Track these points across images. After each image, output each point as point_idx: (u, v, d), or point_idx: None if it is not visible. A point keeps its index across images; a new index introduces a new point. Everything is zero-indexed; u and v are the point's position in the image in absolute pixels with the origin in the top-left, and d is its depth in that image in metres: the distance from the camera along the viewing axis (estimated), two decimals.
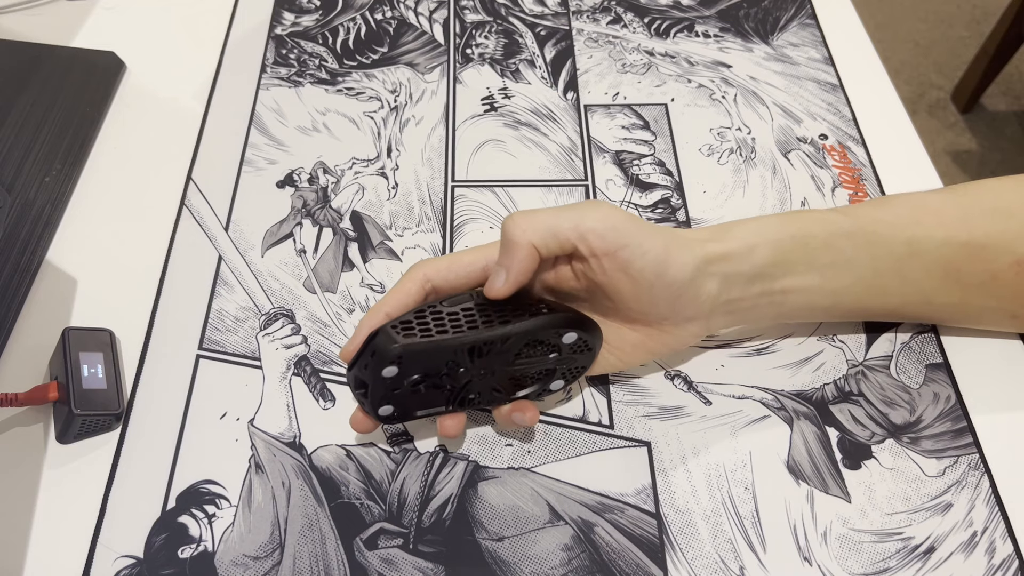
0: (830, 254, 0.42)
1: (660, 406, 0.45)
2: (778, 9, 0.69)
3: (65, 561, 0.40)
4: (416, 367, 0.38)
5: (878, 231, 0.42)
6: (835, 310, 0.45)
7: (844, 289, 0.43)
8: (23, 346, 0.47)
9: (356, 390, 0.39)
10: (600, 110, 0.61)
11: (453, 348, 0.38)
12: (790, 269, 0.41)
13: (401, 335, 0.37)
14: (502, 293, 0.38)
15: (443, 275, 0.41)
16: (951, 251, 0.42)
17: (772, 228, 0.41)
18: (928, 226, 0.42)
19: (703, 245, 0.40)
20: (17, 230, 0.51)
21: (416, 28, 0.67)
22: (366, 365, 0.38)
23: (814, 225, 0.42)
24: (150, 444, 0.43)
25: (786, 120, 0.60)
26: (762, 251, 0.41)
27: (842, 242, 0.42)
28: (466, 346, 0.38)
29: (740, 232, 0.41)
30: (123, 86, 0.62)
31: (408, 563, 0.40)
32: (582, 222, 0.38)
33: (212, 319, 0.49)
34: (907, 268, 0.43)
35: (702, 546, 0.40)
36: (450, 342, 0.38)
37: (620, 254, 0.38)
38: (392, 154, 0.58)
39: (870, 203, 0.46)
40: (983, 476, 0.43)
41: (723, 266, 0.40)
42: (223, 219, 0.54)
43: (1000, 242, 0.42)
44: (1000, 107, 1.73)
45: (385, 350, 0.37)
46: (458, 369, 0.39)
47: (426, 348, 0.37)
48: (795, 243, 0.41)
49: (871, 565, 0.40)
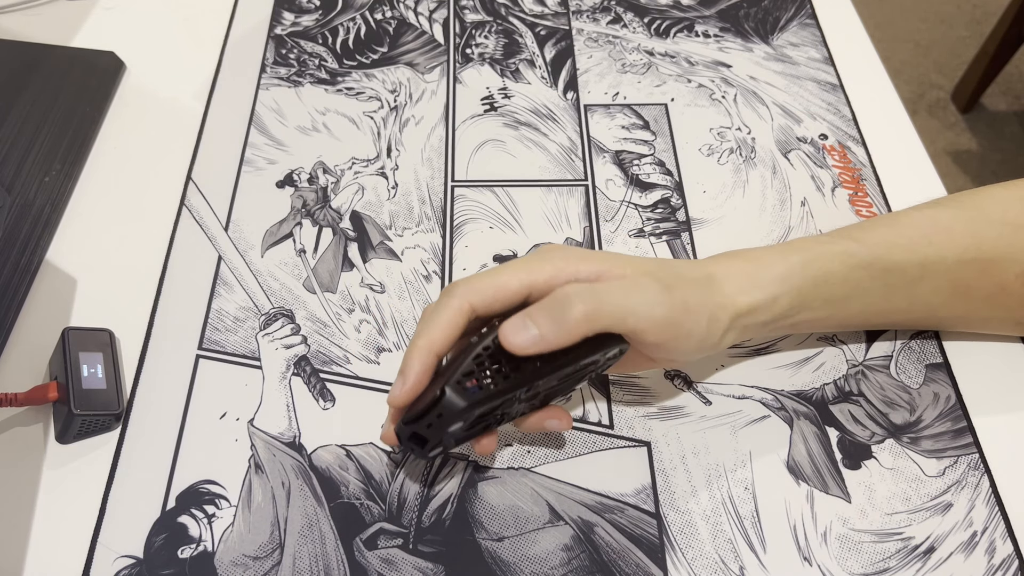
0: (847, 287, 0.42)
1: (660, 406, 0.45)
2: (778, 9, 0.69)
3: (65, 561, 0.40)
4: (479, 416, 0.36)
5: (893, 257, 0.42)
6: (838, 328, 0.46)
7: (854, 315, 0.44)
8: (23, 346, 0.47)
9: (410, 441, 0.37)
10: (600, 110, 0.61)
11: (515, 393, 0.36)
12: (807, 307, 0.41)
13: (467, 393, 0.35)
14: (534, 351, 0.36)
15: (488, 304, 0.38)
16: (962, 268, 0.42)
17: (795, 273, 0.41)
18: (940, 246, 0.42)
19: (734, 303, 0.39)
20: (17, 230, 0.51)
21: (416, 28, 0.67)
22: (430, 424, 0.36)
23: (834, 262, 0.41)
24: (150, 444, 0.43)
25: (786, 120, 0.60)
26: (785, 300, 0.40)
27: (859, 274, 0.42)
28: (526, 387, 0.36)
29: (765, 280, 0.40)
30: (123, 86, 0.62)
31: (408, 563, 0.40)
32: (629, 319, 0.36)
33: (212, 319, 0.49)
34: (918, 289, 0.43)
35: (702, 546, 0.40)
36: (513, 386, 0.36)
37: (668, 344, 0.38)
38: (392, 154, 0.58)
39: (878, 224, 0.45)
40: (983, 476, 0.43)
41: (747, 319, 0.40)
42: (223, 219, 0.54)
43: (1008, 255, 0.42)
44: (1000, 107, 1.73)
45: (455, 411, 0.35)
46: (513, 405, 0.37)
47: (492, 399, 0.35)
48: (815, 285, 0.41)
49: (871, 565, 0.40)
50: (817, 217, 0.54)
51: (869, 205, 0.54)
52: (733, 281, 0.40)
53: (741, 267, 0.41)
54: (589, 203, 0.55)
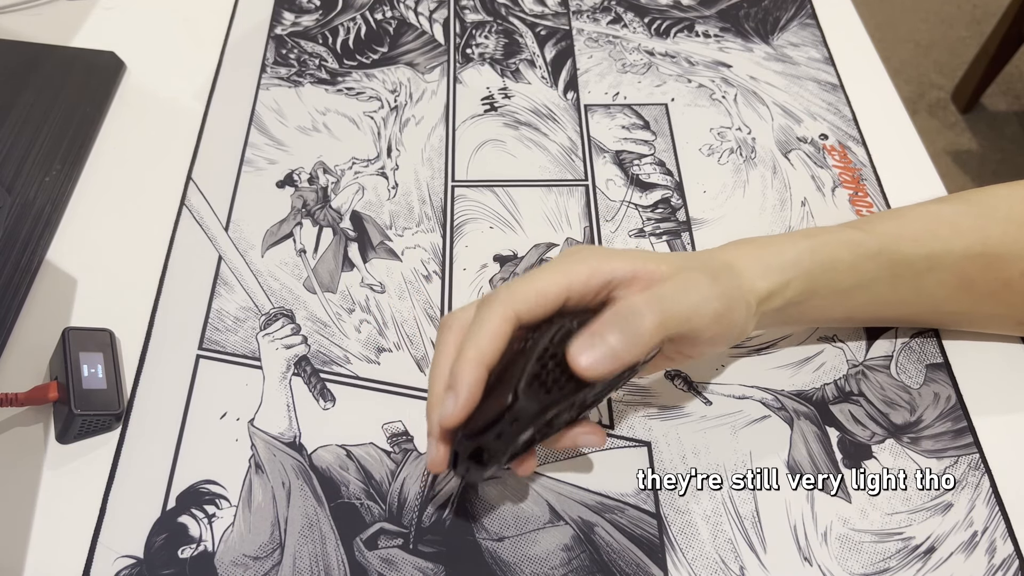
0: (855, 276, 0.42)
1: (660, 406, 0.45)
2: (778, 9, 0.69)
3: (65, 561, 0.40)
4: (539, 427, 0.36)
5: (901, 249, 0.42)
6: (844, 320, 0.46)
7: (861, 305, 0.44)
8: (23, 346, 0.47)
9: (470, 460, 0.36)
10: (600, 110, 0.61)
11: (580, 395, 0.36)
12: (816, 293, 0.42)
13: (539, 396, 0.34)
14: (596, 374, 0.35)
15: (531, 310, 0.37)
16: (968, 262, 0.42)
17: (805, 258, 0.41)
18: (946, 239, 0.42)
19: (755, 288, 0.39)
20: (17, 230, 0.51)
21: (416, 28, 0.67)
22: (499, 434, 0.34)
23: (841, 249, 0.41)
24: (150, 444, 0.43)
25: (786, 120, 0.60)
26: (796, 284, 0.41)
27: (867, 264, 0.42)
28: (589, 387, 0.36)
29: (777, 265, 0.40)
30: (123, 86, 0.62)
31: (408, 563, 0.40)
32: (693, 319, 0.36)
33: (212, 319, 0.49)
34: (924, 281, 0.43)
35: (702, 546, 0.40)
36: (578, 387, 0.35)
37: (718, 338, 0.38)
38: (392, 154, 0.58)
39: (885, 217, 0.45)
40: (983, 476, 0.43)
41: (765, 305, 0.40)
42: (223, 219, 0.54)
43: (1013, 251, 0.42)
44: (1000, 107, 1.73)
45: (529, 415, 0.34)
46: (565, 414, 0.37)
47: (562, 401, 0.35)
48: (824, 270, 0.41)
49: (871, 565, 0.40)
50: (817, 217, 0.54)
51: (869, 205, 0.54)
52: (750, 267, 0.40)
53: (755, 253, 0.41)
54: (589, 203, 0.55)
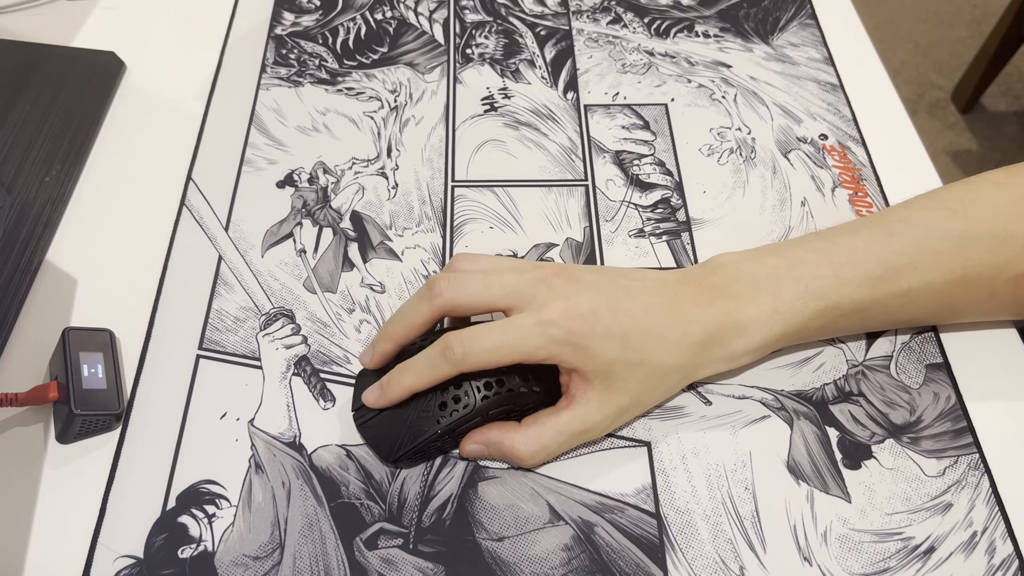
0: (845, 322, 0.44)
1: (660, 406, 0.45)
2: (778, 9, 0.69)
3: (65, 561, 0.40)
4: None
5: (876, 296, 0.43)
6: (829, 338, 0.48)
7: (839, 332, 0.47)
8: (23, 346, 0.47)
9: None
10: (600, 110, 0.61)
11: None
12: (804, 340, 0.45)
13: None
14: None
15: (474, 365, 0.41)
16: (948, 288, 0.43)
17: (798, 310, 0.42)
18: (925, 271, 0.42)
19: (730, 344, 0.42)
20: (17, 230, 0.51)
21: (416, 28, 0.67)
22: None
23: (815, 319, 0.42)
24: (150, 444, 0.43)
25: (786, 120, 0.60)
26: (784, 340, 0.43)
27: (841, 322, 0.43)
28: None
29: (764, 318, 0.42)
30: (123, 86, 0.62)
31: (408, 563, 0.40)
32: (552, 454, 0.42)
33: (212, 319, 0.49)
34: (905, 309, 0.44)
35: (702, 546, 0.40)
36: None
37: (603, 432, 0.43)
38: (392, 154, 0.58)
39: (871, 253, 0.43)
40: (983, 476, 0.43)
41: (745, 359, 0.43)
42: (223, 219, 0.54)
43: (994, 267, 0.42)
44: (1000, 107, 1.73)
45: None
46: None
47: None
48: (817, 320, 0.43)
49: (871, 565, 0.40)
50: (817, 217, 0.54)
51: (869, 205, 0.54)
52: (729, 326, 0.42)
53: (739, 292, 0.42)
54: (589, 203, 0.55)
